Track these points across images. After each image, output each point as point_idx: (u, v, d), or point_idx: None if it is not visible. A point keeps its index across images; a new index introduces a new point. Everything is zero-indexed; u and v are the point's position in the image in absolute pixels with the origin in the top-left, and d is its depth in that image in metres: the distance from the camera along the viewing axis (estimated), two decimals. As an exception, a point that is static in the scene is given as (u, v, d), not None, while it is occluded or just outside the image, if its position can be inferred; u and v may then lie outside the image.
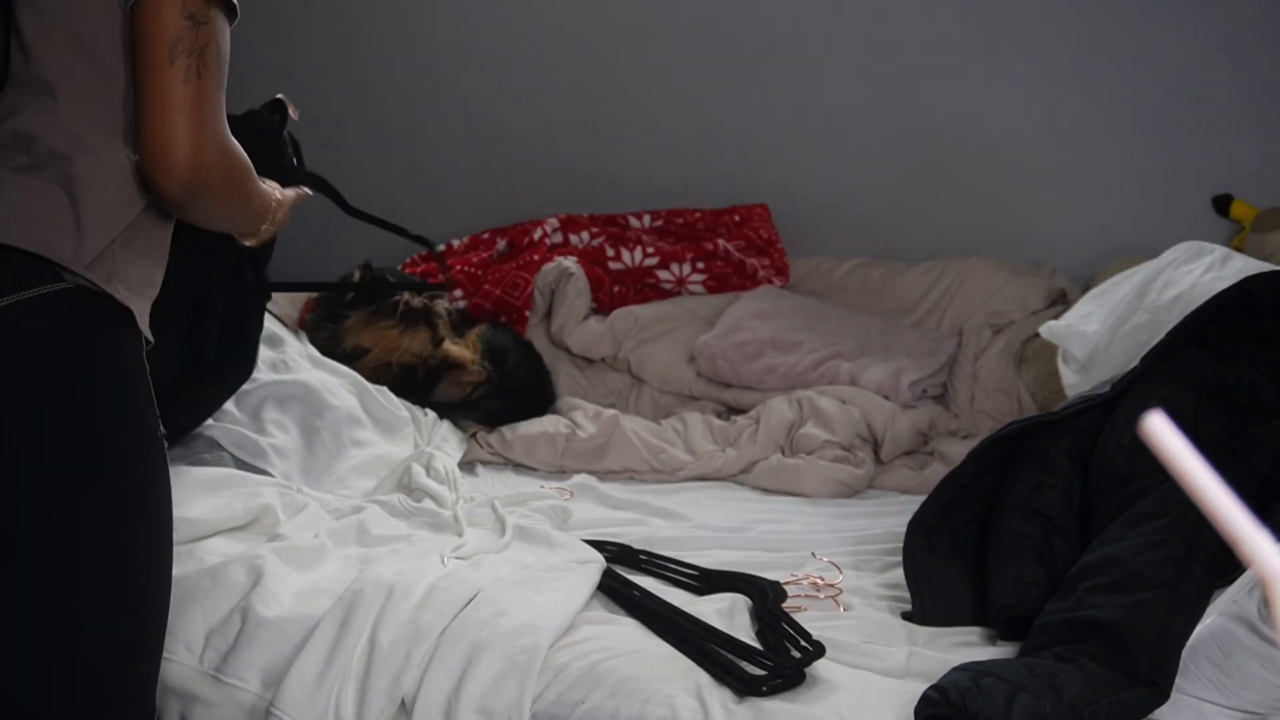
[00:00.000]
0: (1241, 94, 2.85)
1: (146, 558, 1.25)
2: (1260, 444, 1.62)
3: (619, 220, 3.10)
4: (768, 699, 1.38)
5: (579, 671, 1.43)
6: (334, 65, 3.42)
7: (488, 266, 2.97)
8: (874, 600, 1.74)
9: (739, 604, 1.63)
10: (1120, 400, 1.77)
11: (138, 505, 1.24)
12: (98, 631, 1.21)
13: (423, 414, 2.42)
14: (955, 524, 1.76)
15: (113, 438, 1.21)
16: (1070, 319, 2.27)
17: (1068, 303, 2.71)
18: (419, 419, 2.38)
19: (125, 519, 1.22)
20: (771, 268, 3.01)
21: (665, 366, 2.77)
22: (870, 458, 2.43)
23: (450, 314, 2.66)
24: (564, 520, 1.99)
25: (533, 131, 3.35)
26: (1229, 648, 1.34)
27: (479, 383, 2.54)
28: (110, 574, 1.21)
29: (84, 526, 1.19)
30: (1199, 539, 1.45)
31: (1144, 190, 2.95)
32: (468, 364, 2.55)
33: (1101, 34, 2.92)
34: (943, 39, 3.01)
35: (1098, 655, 1.37)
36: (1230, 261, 2.11)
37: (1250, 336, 1.84)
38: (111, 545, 1.21)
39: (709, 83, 3.19)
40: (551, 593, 1.59)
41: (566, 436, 2.42)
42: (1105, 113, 2.94)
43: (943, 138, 3.06)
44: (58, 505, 1.18)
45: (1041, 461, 1.73)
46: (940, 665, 1.45)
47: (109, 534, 1.21)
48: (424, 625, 1.47)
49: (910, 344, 2.74)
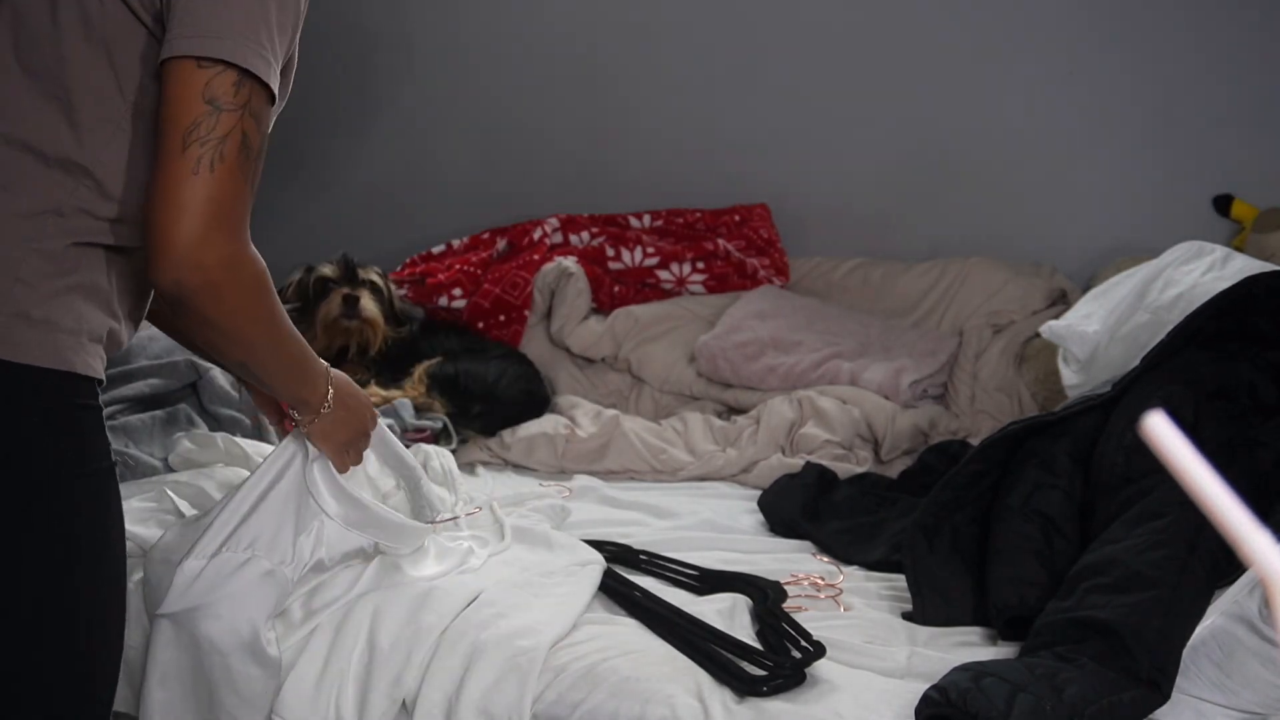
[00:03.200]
0: (1241, 94, 2.84)
1: (99, 600, 1.20)
2: (1260, 444, 1.62)
3: (619, 220, 3.10)
4: (768, 699, 1.38)
5: (579, 672, 1.43)
6: (333, 65, 3.42)
7: (488, 266, 2.97)
8: (874, 600, 1.74)
9: (739, 604, 1.63)
10: (1121, 400, 1.77)
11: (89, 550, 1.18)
12: (55, 676, 1.17)
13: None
14: (955, 524, 1.76)
15: (57, 486, 1.15)
16: (1070, 319, 2.27)
17: (1068, 303, 2.71)
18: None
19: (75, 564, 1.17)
20: (772, 268, 3.01)
21: (665, 366, 2.77)
22: (871, 458, 2.43)
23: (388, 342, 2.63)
24: (563, 519, 1.99)
25: (533, 131, 3.36)
26: (1230, 648, 1.34)
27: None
28: (64, 621, 1.17)
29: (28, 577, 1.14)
30: (1199, 539, 1.45)
31: (1144, 190, 2.95)
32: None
33: (1101, 34, 2.92)
34: (943, 39, 3.01)
35: (1098, 655, 1.37)
36: (1230, 261, 2.11)
37: (1250, 336, 1.83)
38: (60, 594, 1.16)
39: (709, 83, 3.19)
40: (552, 595, 1.59)
41: (566, 437, 2.42)
42: (1105, 113, 2.94)
43: (943, 138, 3.06)
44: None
45: (1042, 461, 1.73)
46: (940, 665, 1.45)
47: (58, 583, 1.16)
48: (424, 626, 1.46)
49: (910, 344, 2.74)
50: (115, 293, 1.21)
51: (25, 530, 1.13)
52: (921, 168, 3.09)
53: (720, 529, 2.05)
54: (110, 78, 1.16)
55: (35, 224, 1.14)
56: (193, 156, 1.09)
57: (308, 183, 3.58)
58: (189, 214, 1.08)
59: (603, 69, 3.26)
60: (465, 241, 3.12)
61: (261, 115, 1.14)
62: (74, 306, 1.16)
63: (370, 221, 3.52)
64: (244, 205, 1.13)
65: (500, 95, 3.36)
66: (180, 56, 1.10)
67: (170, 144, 1.09)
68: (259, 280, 1.17)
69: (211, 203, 1.09)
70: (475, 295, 2.88)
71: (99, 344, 1.19)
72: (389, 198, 3.52)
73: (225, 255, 1.11)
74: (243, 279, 1.14)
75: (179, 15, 1.11)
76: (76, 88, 1.15)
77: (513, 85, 3.34)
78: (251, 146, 1.12)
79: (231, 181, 1.10)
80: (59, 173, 1.15)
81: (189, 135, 1.09)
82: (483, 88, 3.37)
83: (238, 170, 1.11)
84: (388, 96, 3.46)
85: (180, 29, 1.11)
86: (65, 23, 1.15)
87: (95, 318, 1.18)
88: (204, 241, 1.09)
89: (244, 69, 1.11)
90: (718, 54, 3.17)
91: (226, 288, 1.12)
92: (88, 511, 1.18)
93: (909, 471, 2.29)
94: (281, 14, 1.16)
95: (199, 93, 1.09)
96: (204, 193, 1.09)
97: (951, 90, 3.03)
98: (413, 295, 2.92)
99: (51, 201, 1.14)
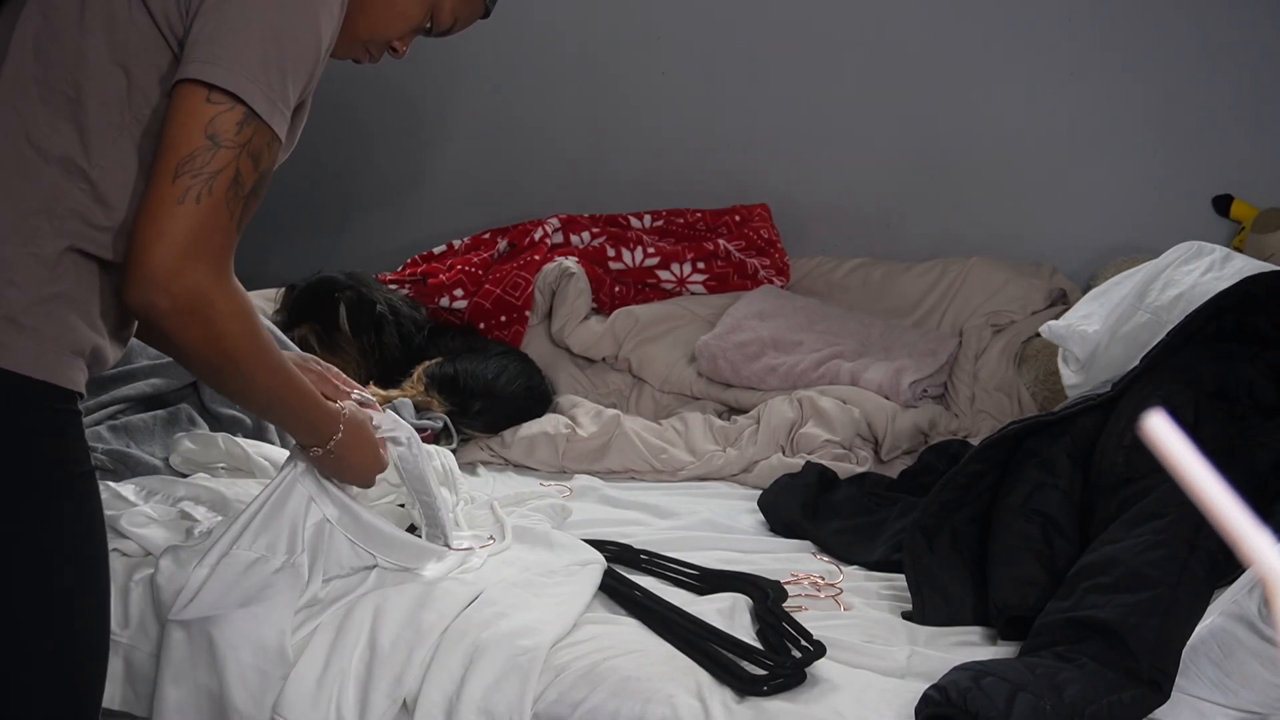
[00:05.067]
0: (1241, 94, 2.85)
1: (83, 602, 1.21)
2: (1260, 444, 1.62)
3: (620, 220, 3.11)
4: (768, 699, 1.39)
5: (580, 671, 1.43)
6: (333, 65, 3.42)
7: (488, 266, 2.97)
8: (874, 600, 1.74)
9: (739, 604, 1.63)
10: (1120, 400, 1.77)
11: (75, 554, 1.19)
12: (42, 676, 1.17)
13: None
14: (955, 524, 1.76)
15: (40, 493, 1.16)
16: (1070, 319, 2.27)
17: (1068, 303, 2.71)
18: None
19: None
20: (772, 268, 3.02)
21: (666, 366, 2.77)
22: (871, 457, 2.43)
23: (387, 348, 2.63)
24: (563, 518, 1.99)
25: (533, 131, 3.36)
26: (1229, 647, 1.34)
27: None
28: (49, 623, 1.17)
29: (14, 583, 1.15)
30: (1199, 539, 1.45)
31: (1144, 190, 2.95)
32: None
33: (1101, 34, 2.92)
34: (943, 39, 3.02)
35: (1098, 655, 1.38)
36: (1230, 261, 2.11)
37: (1250, 336, 1.84)
38: (46, 596, 1.17)
39: (709, 83, 3.20)
40: (553, 594, 1.59)
41: (567, 437, 2.43)
42: (1105, 113, 2.94)
43: (943, 137, 3.06)
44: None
45: (1042, 461, 1.73)
46: (940, 665, 1.45)
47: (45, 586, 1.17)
48: (425, 626, 1.47)
49: (911, 344, 2.74)
50: (102, 309, 1.21)
51: (9, 533, 1.14)
52: (922, 168, 3.09)
53: (720, 529, 2.05)
54: (124, 87, 1.16)
55: (30, 224, 1.14)
56: (182, 186, 1.10)
57: (308, 183, 3.58)
58: (167, 240, 1.10)
59: (603, 69, 3.26)
60: (466, 241, 3.12)
61: (260, 155, 1.15)
62: (62, 317, 1.16)
63: (371, 221, 3.53)
64: (225, 240, 1.14)
65: (500, 95, 3.37)
66: (193, 81, 1.11)
67: (164, 168, 1.11)
68: (236, 315, 1.17)
69: (191, 233, 1.10)
70: (476, 296, 2.89)
71: (81, 357, 1.19)
72: (389, 198, 3.52)
73: (197, 286, 1.11)
74: (215, 313, 1.14)
75: (201, 41, 1.12)
76: (89, 88, 1.15)
77: (513, 85, 3.35)
78: (243, 185, 1.13)
79: (215, 216, 1.11)
80: (56, 171, 1.15)
81: (183, 165, 1.10)
82: (483, 88, 3.38)
83: (223, 206, 1.12)
84: (388, 96, 3.46)
85: (198, 53, 1.12)
86: (90, 21, 1.15)
87: (80, 331, 1.18)
88: (178, 270, 1.10)
89: (250, 109, 1.12)
90: (718, 54, 3.17)
91: (195, 318, 1.13)
92: (70, 515, 1.19)
93: (909, 471, 2.30)
94: (297, 62, 1.17)
95: (202, 126, 1.11)
96: (186, 223, 1.10)
97: (952, 90, 3.03)
98: (414, 295, 2.92)
99: (45, 200, 1.15)
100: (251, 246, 3.87)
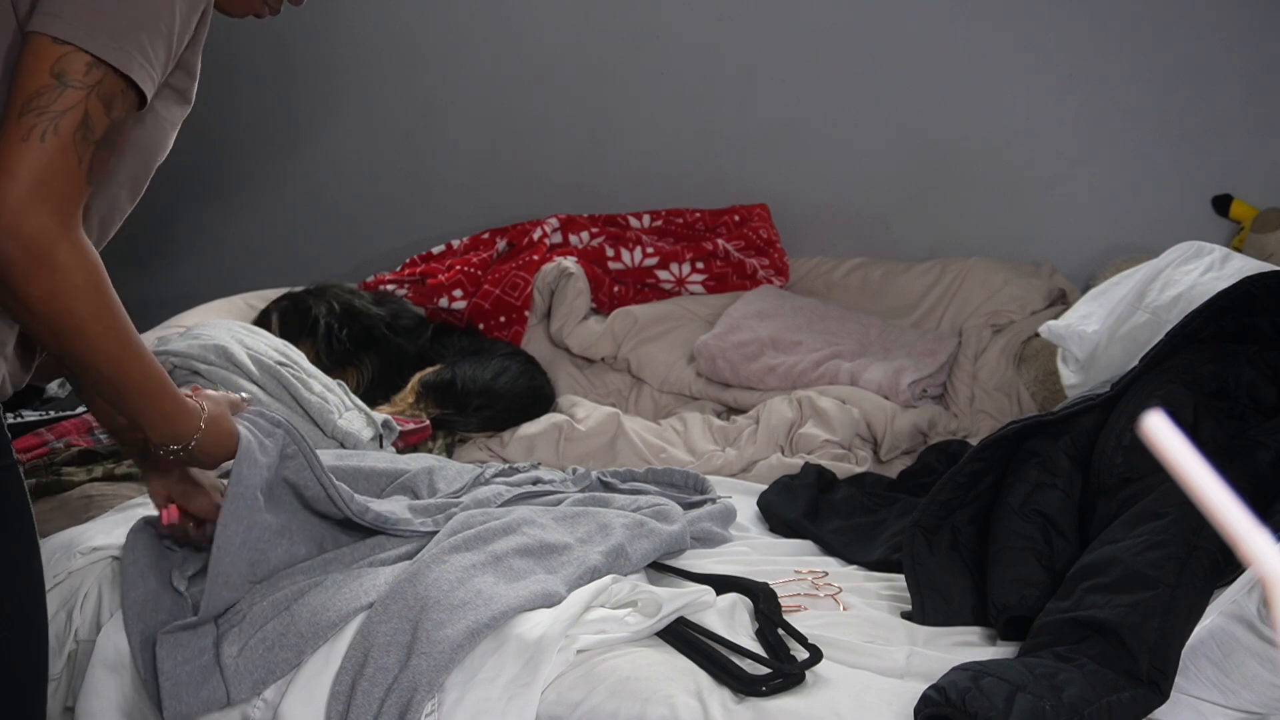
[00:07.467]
0: (1242, 94, 2.85)
1: (17, 602, 1.20)
2: (1260, 444, 1.62)
3: (619, 220, 3.11)
4: (767, 699, 1.38)
5: (579, 671, 1.43)
6: (333, 65, 3.42)
7: (488, 266, 2.97)
8: (874, 600, 1.74)
9: (739, 604, 1.63)
10: (1120, 400, 1.77)
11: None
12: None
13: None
14: (955, 524, 1.76)
15: None
16: (1070, 319, 2.27)
17: (1068, 303, 2.71)
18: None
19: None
20: (771, 268, 3.02)
21: (665, 366, 2.77)
22: (870, 458, 2.43)
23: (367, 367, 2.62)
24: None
25: (533, 131, 3.36)
26: (1229, 648, 1.34)
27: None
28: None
29: None
30: (1199, 539, 1.45)
31: (1144, 190, 2.95)
32: None
33: (1102, 34, 2.92)
34: (943, 39, 3.02)
35: (1098, 655, 1.37)
36: (1230, 261, 2.11)
37: (1250, 337, 1.83)
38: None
39: (709, 83, 3.20)
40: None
41: (565, 432, 2.43)
42: (1105, 113, 2.94)
43: (943, 138, 3.06)
44: None
45: (1042, 461, 1.73)
46: (940, 665, 1.45)
47: None
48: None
49: (910, 344, 2.74)
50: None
51: None
52: (921, 168, 3.09)
53: (720, 529, 2.04)
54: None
55: None
56: (27, 124, 1.06)
57: (309, 183, 3.58)
58: (13, 179, 1.05)
59: (602, 70, 3.26)
60: (465, 242, 3.12)
61: (113, 101, 1.10)
62: None
63: (370, 222, 3.52)
64: (73, 184, 1.08)
65: (500, 95, 3.36)
66: (38, 32, 1.08)
67: (10, 110, 1.06)
68: (81, 269, 1.10)
69: (37, 172, 1.05)
70: (475, 296, 2.89)
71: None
72: (389, 198, 3.52)
73: (44, 230, 1.06)
74: (63, 263, 1.08)
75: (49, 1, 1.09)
76: None
77: (513, 85, 3.35)
78: (92, 128, 1.08)
79: (61, 155, 1.06)
80: None
81: (29, 103, 1.06)
82: (483, 88, 3.37)
83: (70, 147, 1.07)
84: (387, 96, 3.46)
85: (47, 6, 1.08)
86: None
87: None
88: (24, 210, 1.05)
89: (96, 56, 1.08)
90: (718, 54, 3.17)
91: (41, 266, 1.07)
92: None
93: (908, 471, 2.30)
94: (153, 15, 1.12)
95: (48, 66, 1.07)
96: (31, 161, 1.05)
97: (951, 90, 3.03)
98: (413, 296, 2.92)
99: None
100: (251, 247, 3.87)
